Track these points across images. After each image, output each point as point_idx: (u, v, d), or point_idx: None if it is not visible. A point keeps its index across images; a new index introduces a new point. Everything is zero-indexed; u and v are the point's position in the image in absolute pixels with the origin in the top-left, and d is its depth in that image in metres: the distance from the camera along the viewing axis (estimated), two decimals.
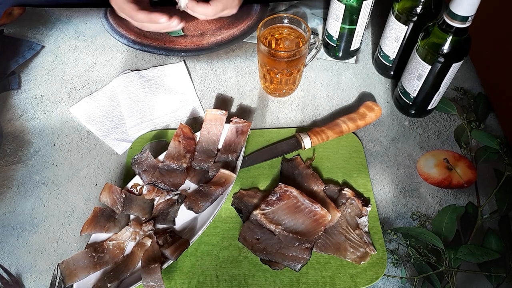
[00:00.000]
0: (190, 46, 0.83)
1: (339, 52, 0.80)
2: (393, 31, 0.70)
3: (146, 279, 0.52)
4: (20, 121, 0.72)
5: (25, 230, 0.62)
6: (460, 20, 0.56)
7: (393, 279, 0.59)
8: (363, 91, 0.77)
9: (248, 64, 0.81)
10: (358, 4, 0.69)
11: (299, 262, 0.56)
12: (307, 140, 0.67)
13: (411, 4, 0.66)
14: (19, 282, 0.58)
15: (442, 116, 0.74)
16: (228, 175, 0.62)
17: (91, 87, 0.77)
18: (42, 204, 0.64)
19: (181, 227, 0.61)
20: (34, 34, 0.84)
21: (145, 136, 0.71)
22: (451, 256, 0.60)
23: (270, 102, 0.76)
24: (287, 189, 0.61)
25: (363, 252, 0.59)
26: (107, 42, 0.83)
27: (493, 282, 0.58)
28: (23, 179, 0.66)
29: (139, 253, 0.57)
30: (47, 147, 0.70)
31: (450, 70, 0.63)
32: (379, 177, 0.67)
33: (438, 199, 0.65)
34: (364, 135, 0.72)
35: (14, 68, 0.79)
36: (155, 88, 0.76)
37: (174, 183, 0.63)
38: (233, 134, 0.67)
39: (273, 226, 0.59)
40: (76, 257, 0.55)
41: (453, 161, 0.69)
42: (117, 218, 0.60)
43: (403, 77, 0.70)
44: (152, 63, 0.81)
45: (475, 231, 0.62)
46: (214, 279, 0.57)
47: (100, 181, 0.66)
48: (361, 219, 0.61)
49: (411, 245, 0.61)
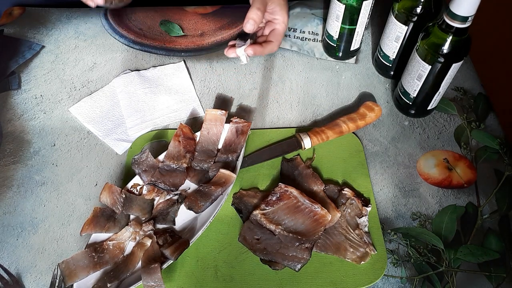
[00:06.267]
0: (190, 46, 0.83)
1: (339, 52, 0.80)
2: (393, 31, 0.70)
3: (146, 279, 0.52)
4: (20, 121, 0.72)
5: (25, 230, 0.62)
6: (460, 20, 0.56)
7: (393, 279, 0.59)
8: (363, 91, 0.77)
9: (248, 64, 0.81)
10: (358, 4, 0.69)
11: (299, 262, 0.56)
12: (307, 140, 0.67)
13: (411, 4, 0.66)
14: (19, 282, 0.58)
15: (442, 116, 0.74)
16: (228, 175, 0.62)
17: (91, 87, 0.77)
18: (42, 204, 0.64)
19: (181, 227, 0.61)
20: (34, 34, 0.84)
21: (145, 136, 0.71)
22: (451, 256, 0.60)
23: (270, 102, 0.76)
24: (287, 189, 0.61)
25: (363, 252, 0.59)
26: (107, 42, 0.83)
27: (493, 282, 0.58)
28: (23, 179, 0.66)
29: (139, 253, 0.57)
30: (47, 147, 0.70)
31: (450, 70, 0.63)
32: (379, 177, 0.67)
33: (438, 199, 0.65)
34: (364, 135, 0.72)
35: (14, 68, 0.79)
36: (155, 88, 0.76)
37: (174, 183, 0.63)
38: (233, 134, 0.67)
39: (273, 226, 0.59)
40: (76, 257, 0.55)
41: (453, 161, 0.69)
42: (117, 218, 0.60)
43: (403, 77, 0.70)
44: (152, 63, 0.81)
45: (475, 231, 0.62)
46: (214, 279, 0.57)
47: (100, 181, 0.66)
48: (361, 219, 0.61)
49: (411, 245, 0.61)
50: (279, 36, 0.70)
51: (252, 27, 0.66)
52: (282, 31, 0.71)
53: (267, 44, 0.69)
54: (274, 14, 0.70)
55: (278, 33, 0.70)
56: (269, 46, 0.69)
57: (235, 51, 0.67)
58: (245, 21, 0.66)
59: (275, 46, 0.70)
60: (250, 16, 0.66)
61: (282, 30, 0.71)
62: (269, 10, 0.69)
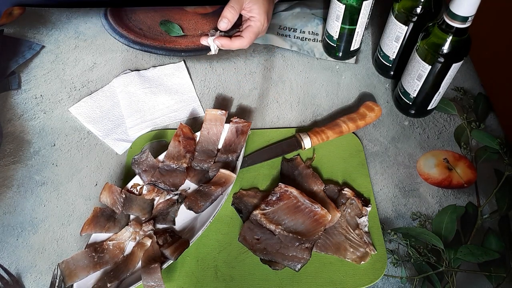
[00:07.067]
0: (190, 46, 0.83)
1: (339, 52, 0.80)
2: (393, 31, 0.70)
3: (146, 279, 0.52)
4: (20, 121, 0.72)
5: (25, 230, 0.62)
6: (460, 20, 0.56)
7: (393, 279, 0.59)
8: (363, 91, 0.77)
9: (248, 64, 0.81)
10: (358, 4, 0.69)
11: (299, 262, 0.56)
12: (307, 140, 0.67)
13: (411, 4, 0.66)
14: (19, 282, 0.58)
15: (442, 116, 0.74)
16: (228, 175, 0.62)
17: (91, 87, 0.77)
18: (42, 204, 0.64)
19: (181, 227, 0.61)
20: (34, 34, 0.84)
21: (145, 136, 0.71)
22: (451, 256, 0.60)
23: (270, 102, 0.76)
24: (287, 189, 0.61)
25: (363, 252, 0.59)
26: (107, 42, 0.83)
27: (493, 282, 0.58)
28: (23, 179, 0.66)
29: (139, 253, 0.57)
30: (47, 147, 0.70)
31: (450, 70, 0.63)
32: (379, 177, 0.67)
33: (438, 199, 0.65)
34: (364, 135, 0.72)
35: (14, 68, 0.79)
36: (155, 88, 0.76)
37: (174, 183, 0.63)
38: (233, 134, 0.67)
39: (273, 226, 0.59)
40: (76, 257, 0.55)
41: (453, 161, 0.69)
42: (117, 218, 0.60)
43: (403, 77, 0.70)
44: (152, 63, 0.81)
45: (475, 231, 0.62)
46: (214, 279, 0.57)
47: (100, 181, 0.66)
48: (361, 219, 0.61)
49: (411, 245, 0.61)
50: (252, 33, 0.72)
51: (225, 25, 0.69)
52: (256, 28, 0.72)
53: (236, 39, 0.71)
54: (251, 12, 0.72)
55: (251, 30, 0.72)
56: (238, 41, 0.71)
57: (207, 39, 0.70)
58: (219, 19, 0.69)
59: (244, 42, 0.71)
60: (224, 15, 0.69)
61: (256, 28, 0.72)
62: (246, 8, 0.72)
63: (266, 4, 0.73)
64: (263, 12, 0.72)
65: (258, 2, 0.71)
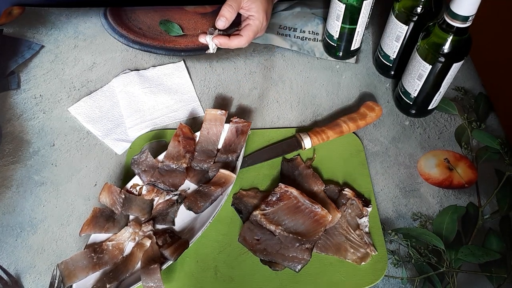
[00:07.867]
0: (190, 46, 0.83)
1: (339, 52, 0.79)
2: (393, 30, 0.70)
3: (146, 280, 0.52)
4: (19, 121, 0.72)
5: (24, 230, 0.62)
6: (460, 19, 0.56)
7: (394, 279, 0.58)
8: (364, 91, 0.77)
9: (248, 64, 0.80)
10: (358, 3, 0.69)
11: (299, 262, 0.56)
12: (307, 140, 0.67)
13: (412, 3, 0.66)
14: (18, 283, 0.58)
15: (442, 116, 0.74)
16: (228, 175, 0.62)
17: (91, 87, 0.77)
18: (41, 204, 0.64)
19: (181, 227, 0.61)
20: (34, 34, 0.84)
21: (144, 136, 0.70)
22: (452, 257, 0.60)
23: (270, 102, 0.76)
24: (287, 189, 0.60)
25: (364, 252, 0.58)
26: (107, 41, 0.83)
27: (494, 282, 0.58)
28: (22, 179, 0.66)
29: (139, 253, 0.57)
30: (46, 147, 0.69)
31: (450, 70, 0.62)
32: (379, 177, 0.67)
33: (438, 199, 0.65)
34: (364, 135, 0.71)
35: (13, 68, 0.79)
36: (154, 88, 0.76)
37: (173, 183, 0.63)
38: (233, 134, 0.67)
39: (273, 226, 0.59)
40: (75, 258, 0.55)
41: (453, 161, 0.68)
42: (117, 218, 0.60)
43: (403, 77, 0.70)
44: (152, 63, 0.80)
45: (476, 231, 0.62)
46: (214, 279, 0.57)
47: (99, 181, 0.66)
48: (362, 219, 0.61)
49: (412, 246, 0.61)
50: (250, 32, 0.72)
51: (223, 23, 0.69)
52: (254, 27, 0.72)
53: (235, 37, 0.71)
54: (250, 11, 0.72)
55: (250, 29, 0.72)
56: (236, 40, 0.71)
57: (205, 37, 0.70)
58: (217, 18, 0.69)
59: (243, 41, 0.71)
60: (222, 13, 0.69)
61: (254, 27, 0.72)
62: (245, 7, 0.72)
63: (265, 3, 0.73)
64: (262, 11, 0.72)
65: (257, 1, 0.71)
